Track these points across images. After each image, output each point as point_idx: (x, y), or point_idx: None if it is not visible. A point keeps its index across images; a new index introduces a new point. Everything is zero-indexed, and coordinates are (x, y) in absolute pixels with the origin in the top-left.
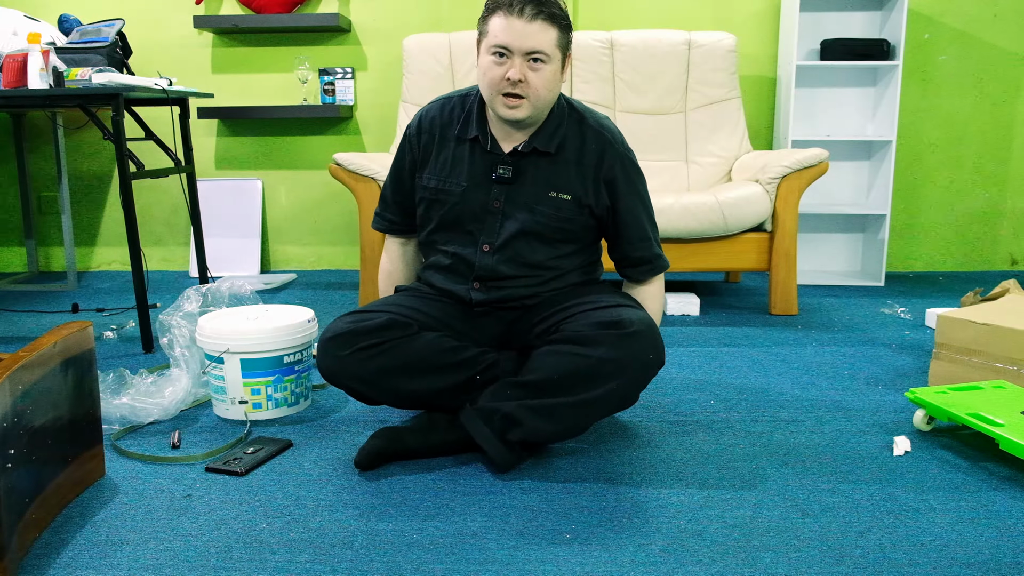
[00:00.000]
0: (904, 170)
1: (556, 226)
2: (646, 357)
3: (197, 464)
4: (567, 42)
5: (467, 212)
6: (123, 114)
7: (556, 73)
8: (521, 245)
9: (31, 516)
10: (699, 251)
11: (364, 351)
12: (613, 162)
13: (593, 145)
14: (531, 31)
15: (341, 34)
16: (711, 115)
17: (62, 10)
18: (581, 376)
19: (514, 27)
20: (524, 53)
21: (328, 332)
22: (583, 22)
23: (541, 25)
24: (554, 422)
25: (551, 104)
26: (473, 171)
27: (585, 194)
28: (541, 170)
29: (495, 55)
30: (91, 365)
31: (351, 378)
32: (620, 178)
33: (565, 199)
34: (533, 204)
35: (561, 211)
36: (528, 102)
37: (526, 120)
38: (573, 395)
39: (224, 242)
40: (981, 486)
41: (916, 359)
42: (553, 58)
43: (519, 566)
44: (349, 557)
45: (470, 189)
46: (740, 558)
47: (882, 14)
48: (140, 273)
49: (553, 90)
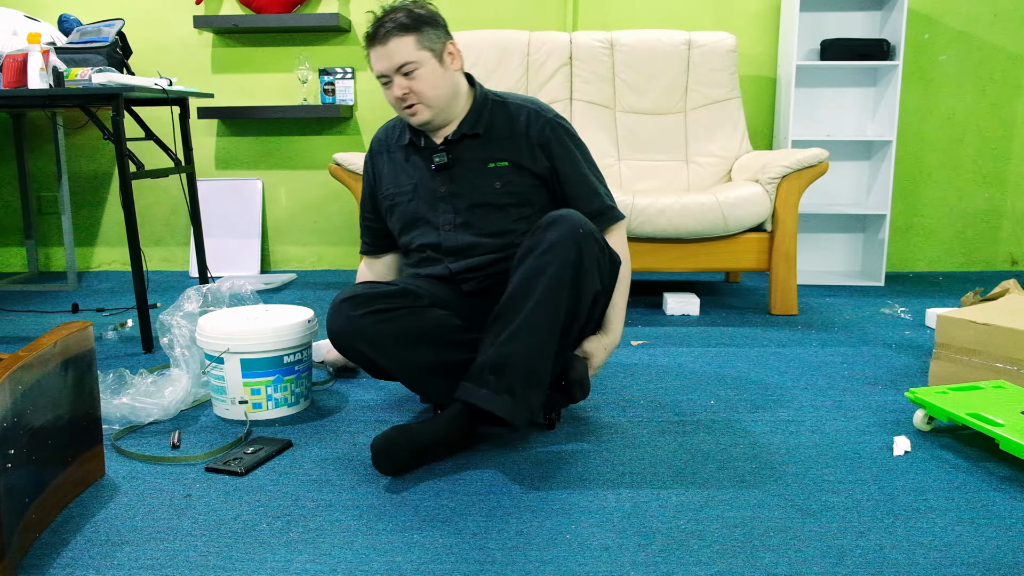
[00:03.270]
0: (904, 170)
1: (502, 191)
2: (576, 230)
3: (197, 464)
4: (434, 36)
5: (421, 205)
6: (123, 114)
7: (435, 72)
8: (477, 218)
9: (31, 516)
10: (699, 251)
11: (377, 314)
12: (543, 126)
13: (521, 116)
14: (389, 51)
15: (341, 34)
16: (711, 115)
17: (62, 10)
18: (529, 275)
19: (378, 55)
20: (394, 71)
21: (343, 294)
22: (583, 22)
23: (395, 41)
24: (531, 334)
25: (449, 98)
26: (417, 168)
27: (521, 157)
28: (475, 150)
29: (383, 84)
30: (91, 365)
31: (361, 339)
32: (552, 140)
33: (503, 166)
34: (474, 179)
35: (502, 177)
36: (423, 106)
37: (432, 120)
38: (532, 296)
39: (224, 242)
40: (981, 486)
41: (916, 359)
42: (422, 61)
43: (519, 566)
44: (349, 557)
45: (419, 184)
46: (740, 558)
47: (882, 14)
48: (140, 273)
49: (439, 86)
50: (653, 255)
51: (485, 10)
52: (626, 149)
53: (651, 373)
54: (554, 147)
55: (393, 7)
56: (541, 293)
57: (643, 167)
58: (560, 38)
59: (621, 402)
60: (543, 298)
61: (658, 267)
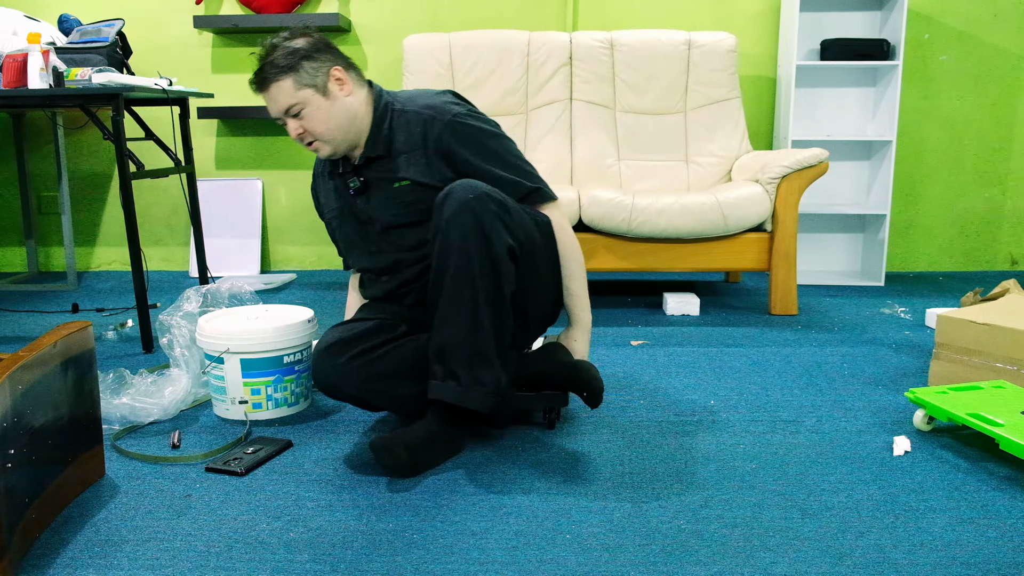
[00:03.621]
0: (904, 170)
1: (412, 210)
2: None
3: (197, 464)
4: (313, 71)
5: (350, 229)
6: (123, 114)
7: (321, 106)
8: (395, 236)
9: (31, 516)
10: (699, 251)
11: (359, 357)
12: (440, 134)
13: (417, 128)
14: (271, 98)
15: (341, 34)
16: (711, 115)
17: (62, 10)
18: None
19: (266, 100)
20: (282, 114)
21: (321, 343)
22: (583, 22)
23: (275, 86)
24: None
25: (346, 127)
26: (340, 195)
27: (420, 174)
28: (382, 170)
29: (281, 125)
30: (91, 365)
31: (351, 385)
32: (453, 145)
33: (405, 185)
34: (385, 200)
35: (408, 196)
36: (320, 142)
37: (336, 152)
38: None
39: (224, 242)
40: (981, 486)
41: (916, 359)
42: (305, 100)
43: (519, 566)
44: (349, 557)
45: (344, 211)
46: (740, 558)
47: (882, 14)
48: (140, 273)
49: (330, 119)
50: (653, 255)
51: (485, 10)
52: (626, 149)
53: (651, 373)
54: (457, 153)
55: (272, 45)
56: (454, 271)
57: (643, 167)
58: (560, 38)
59: (621, 402)
60: (456, 275)
61: (658, 267)
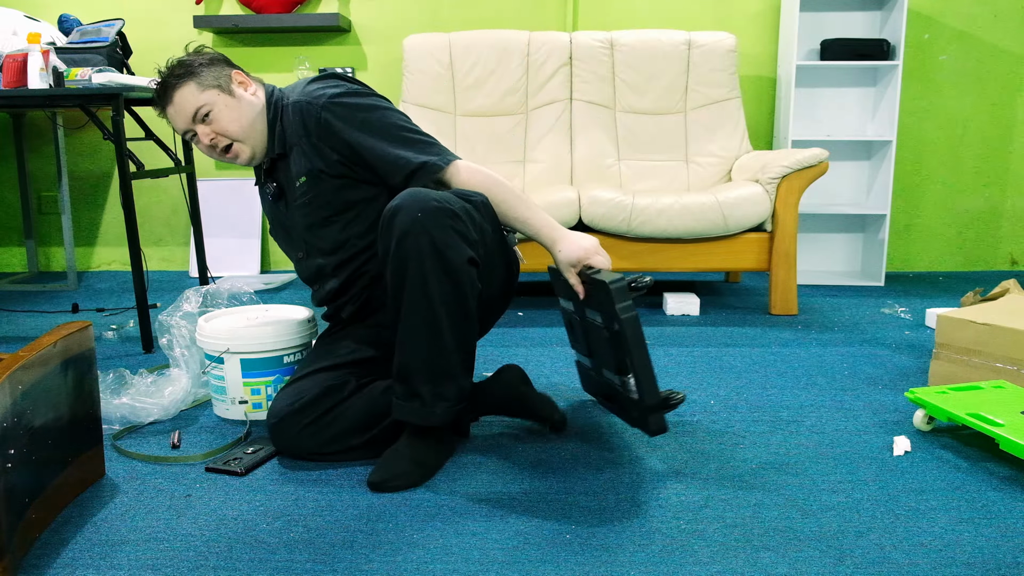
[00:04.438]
0: (904, 170)
1: (317, 205)
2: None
3: (197, 464)
4: (213, 75)
5: (281, 240)
6: (123, 114)
7: (228, 105)
8: (312, 238)
9: (31, 516)
10: (699, 251)
11: (312, 425)
12: (316, 119)
13: (297, 119)
14: (177, 108)
15: (341, 34)
16: (711, 115)
17: (62, 10)
18: (394, 279)
19: (171, 115)
20: (191, 122)
21: (271, 417)
22: (583, 22)
23: (177, 97)
24: (415, 334)
25: (253, 124)
26: (266, 200)
27: (312, 164)
28: (285, 170)
29: (191, 141)
30: (91, 365)
31: (306, 450)
32: (331, 126)
33: (302, 181)
34: (294, 201)
35: (308, 192)
36: (238, 143)
37: (255, 155)
38: (402, 297)
39: (224, 242)
40: (981, 486)
41: (916, 359)
42: (211, 102)
43: (519, 566)
44: (349, 557)
45: (273, 219)
46: (740, 558)
47: (882, 14)
48: (140, 273)
49: (240, 117)
50: (653, 255)
51: (485, 10)
52: (626, 149)
53: None
54: (338, 135)
55: (168, 66)
56: (409, 292)
57: (643, 167)
58: (560, 38)
59: None
60: (413, 296)
61: (658, 267)
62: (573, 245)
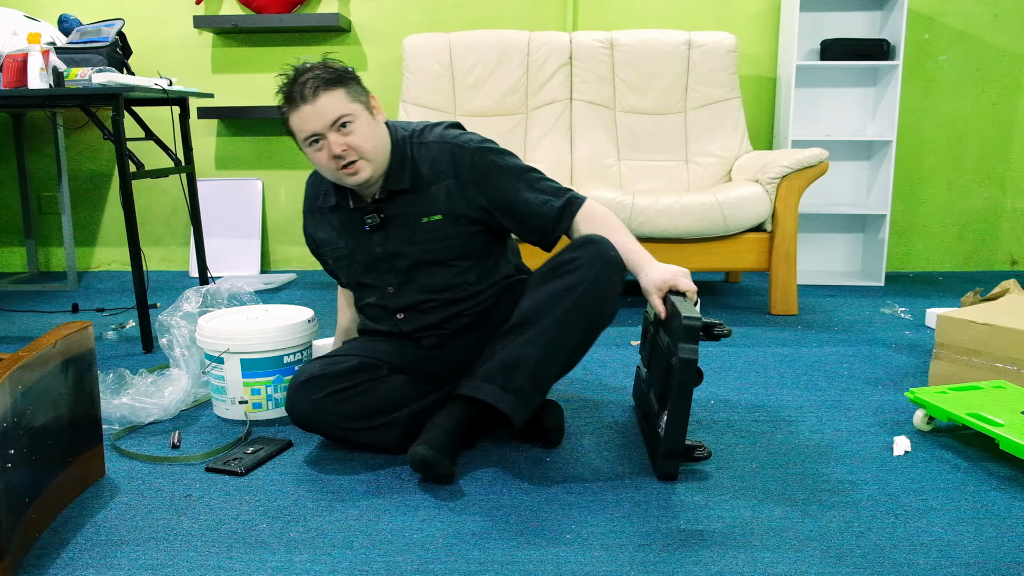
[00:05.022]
0: (904, 170)
1: (441, 247)
2: (608, 254)
3: (197, 464)
4: (361, 90)
5: (360, 267)
6: (123, 114)
7: (369, 123)
8: (421, 275)
9: (31, 516)
10: (699, 251)
11: (336, 394)
12: (472, 162)
13: (442, 157)
14: (319, 109)
15: (341, 34)
16: (711, 115)
17: (62, 10)
18: (558, 289)
19: (306, 114)
20: (329, 128)
21: (300, 376)
22: (583, 22)
23: (325, 96)
24: (551, 344)
25: (385, 150)
26: (349, 232)
27: (454, 205)
28: (407, 205)
29: (312, 146)
30: (91, 365)
31: (324, 422)
32: (489, 171)
33: (437, 220)
34: (411, 236)
35: (438, 231)
36: (363, 161)
37: (372, 177)
38: (558, 308)
39: (224, 242)
40: (981, 486)
41: (916, 359)
42: (356, 114)
43: (519, 566)
44: (349, 557)
45: (354, 248)
46: (740, 558)
47: (882, 14)
48: (140, 273)
49: (376, 138)
50: (653, 255)
51: (485, 10)
52: (626, 149)
53: None
54: (492, 180)
55: (306, 67)
56: (566, 308)
57: (643, 167)
58: (560, 38)
59: (621, 402)
60: (568, 313)
61: None
62: (660, 268)
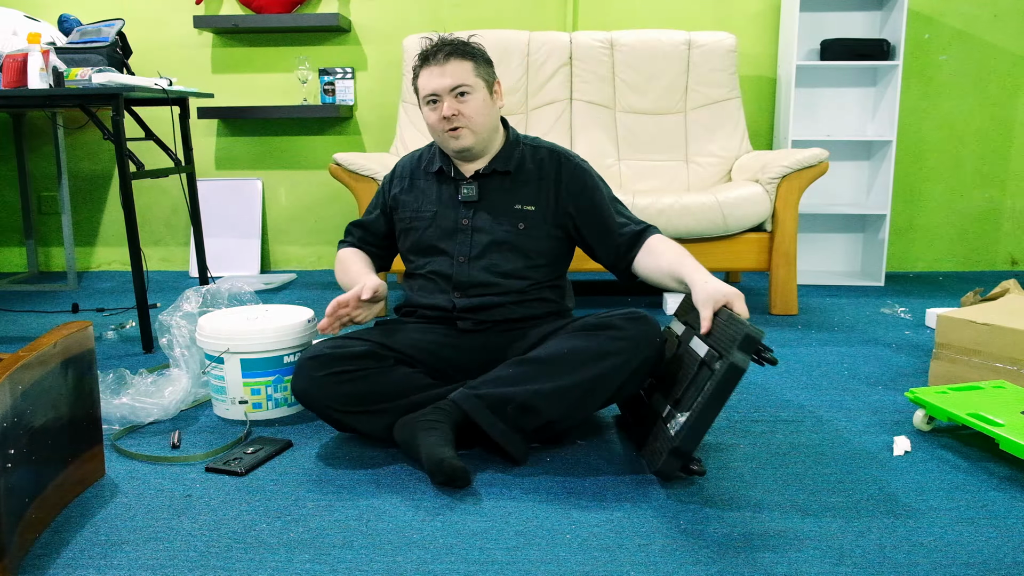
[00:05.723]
0: (904, 170)
1: (524, 234)
2: (654, 336)
3: (197, 464)
4: (488, 72)
5: (439, 232)
6: (123, 114)
7: (486, 101)
8: (494, 255)
9: (31, 516)
10: (699, 251)
11: (338, 375)
12: (570, 174)
13: (549, 162)
14: (448, 71)
15: (341, 34)
16: (711, 115)
17: (62, 10)
18: (591, 352)
19: (433, 73)
20: (449, 91)
21: (308, 352)
22: (583, 22)
23: (456, 63)
24: (572, 401)
25: (492, 129)
26: (441, 197)
27: (547, 206)
28: (504, 188)
29: (429, 104)
30: (91, 365)
31: (322, 400)
32: (587, 183)
33: (529, 210)
34: (500, 217)
35: (526, 220)
36: (468, 130)
37: (473, 147)
38: (582, 371)
39: (224, 242)
40: (981, 486)
41: (916, 359)
42: (476, 88)
43: (519, 566)
44: (349, 557)
45: (440, 213)
46: (740, 558)
47: (882, 14)
48: (140, 273)
49: (487, 115)
50: None
51: (485, 10)
52: (626, 149)
53: None
54: (587, 192)
55: (450, 36)
56: (599, 373)
57: (643, 167)
58: (560, 38)
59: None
60: (597, 378)
61: None
62: (720, 283)
